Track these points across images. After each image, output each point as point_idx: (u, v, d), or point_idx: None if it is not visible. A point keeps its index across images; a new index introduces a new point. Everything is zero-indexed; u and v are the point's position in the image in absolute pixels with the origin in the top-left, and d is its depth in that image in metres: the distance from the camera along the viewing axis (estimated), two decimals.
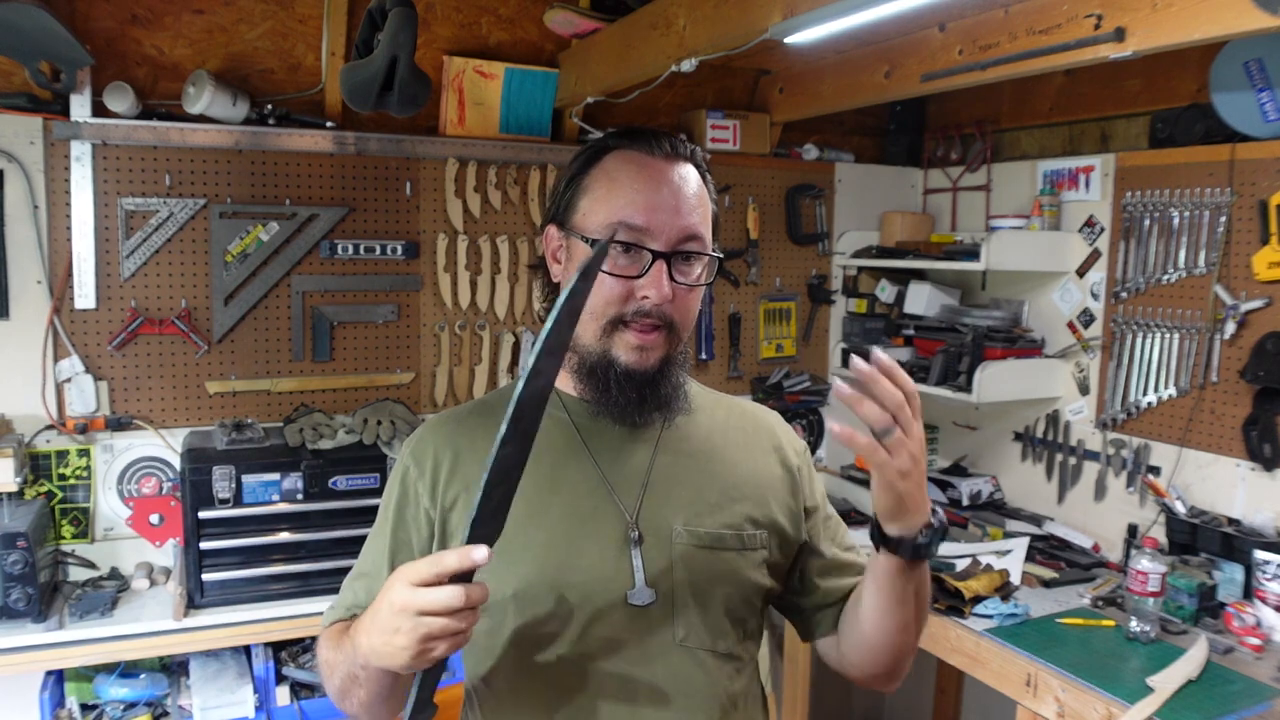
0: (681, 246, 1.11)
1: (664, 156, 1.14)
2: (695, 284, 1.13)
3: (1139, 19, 1.79)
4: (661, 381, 1.13)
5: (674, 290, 1.10)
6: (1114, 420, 2.70)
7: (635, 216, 1.10)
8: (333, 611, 1.22)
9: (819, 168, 3.30)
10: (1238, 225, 2.39)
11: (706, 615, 1.12)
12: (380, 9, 2.16)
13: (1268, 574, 2.15)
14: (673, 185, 1.12)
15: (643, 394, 1.13)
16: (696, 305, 1.16)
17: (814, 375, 3.35)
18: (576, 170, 1.18)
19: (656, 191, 1.11)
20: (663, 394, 1.14)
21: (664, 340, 1.12)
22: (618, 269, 1.10)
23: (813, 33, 2.15)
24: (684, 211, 1.11)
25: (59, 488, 2.41)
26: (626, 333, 1.11)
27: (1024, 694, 2.02)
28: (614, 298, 1.10)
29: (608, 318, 1.11)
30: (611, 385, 1.12)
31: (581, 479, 1.15)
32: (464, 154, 2.77)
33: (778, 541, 1.20)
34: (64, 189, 2.36)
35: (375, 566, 1.19)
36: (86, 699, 2.28)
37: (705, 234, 1.14)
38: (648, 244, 1.10)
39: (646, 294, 1.09)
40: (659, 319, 1.11)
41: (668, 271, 1.10)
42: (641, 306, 1.10)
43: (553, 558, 1.10)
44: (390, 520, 1.19)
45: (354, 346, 2.74)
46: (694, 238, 1.12)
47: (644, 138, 1.15)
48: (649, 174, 1.12)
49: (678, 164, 1.14)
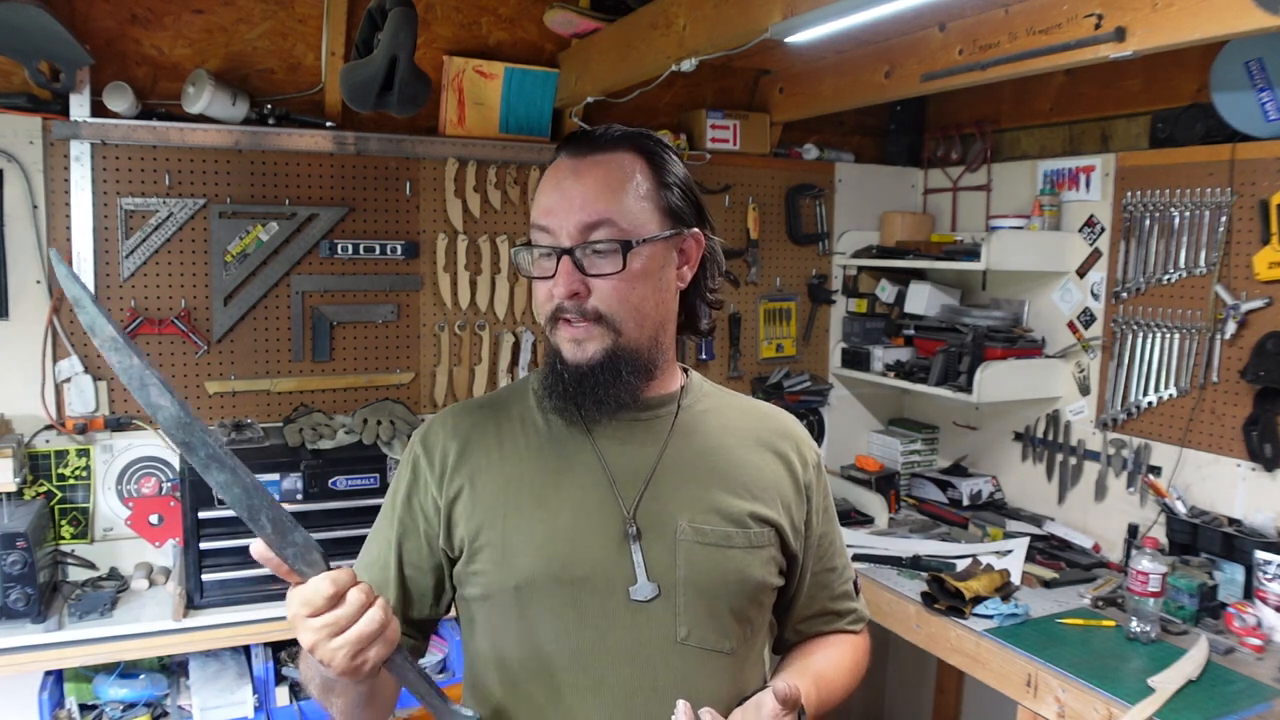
0: (588, 238, 1.09)
1: (577, 154, 1.13)
2: (604, 274, 1.09)
3: (1139, 19, 1.78)
4: (601, 374, 1.11)
5: (589, 283, 1.09)
6: (1114, 420, 2.69)
7: (540, 218, 1.12)
8: None
9: (819, 168, 3.30)
10: (1238, 225, 2.39)
11: (711, 614, 1.12)
12: (380, 9, 2.16)
13: (1268, 574, 2.14)
14: (576, 180, 1.11)
15: (581, 386, 1.12)
16: (633, 292, 1.11)
17: (814, 375, 3.35)
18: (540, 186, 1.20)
19: (558, 190, 1.12)
20: (602, 388, 1.11)
21: (600, 334, 1.11)
22: (538, 270, 1.12)
23: (813, 33, 2.15)
24: (583, 204, 1.09)
25: (58, 488, 2.41)
26: (561, 328, 1.13)
27: (1024, 694, 2.02)
28: (541, 299, 1.13)
29: (545, 317, 1.14)
30: (554, 378, 1.14)
31: (586, 473, 1.15)
32: (464, 154, 2.77)
33: (780, 543, 1.20)
34: (63, 189, 2.36)
35: (381, 555, 1.19)
36: (86, 699, 2.28)
37: (620, 217, 1.09)
38: (553, 243, 1.11)
39: (555, 292, 1.10)
40: (581, 314, 1.10)
41: (574, 265, 1.09)
42: (560, 304, 1.10)
43: (556, 551, 1.10)
44: (399, 507, 1.19)
45: (354, 346, 2.73)
46: (595, 225, 1.09)
47: (570, 140, 1.16)
48: (558, 175, 1.13)
49: (592, 155, 1.13)
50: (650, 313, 1.14)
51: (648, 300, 1.13)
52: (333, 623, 0.89)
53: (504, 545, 1.12)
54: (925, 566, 2.50)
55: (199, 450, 0.90)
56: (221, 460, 0.90)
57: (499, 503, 1.14)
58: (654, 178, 1.14)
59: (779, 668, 1.27)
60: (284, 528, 0.91)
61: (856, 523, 2.93)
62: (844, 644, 1.31)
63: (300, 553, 0.91)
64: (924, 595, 2.31)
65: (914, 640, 2.34)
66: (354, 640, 0.90)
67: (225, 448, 0.91)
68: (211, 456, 0.90)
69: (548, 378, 1.16)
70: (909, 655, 3.24)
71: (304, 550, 0.91)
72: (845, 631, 1.32)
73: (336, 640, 0.90)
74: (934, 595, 2.28)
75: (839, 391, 3.40)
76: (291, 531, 0.91)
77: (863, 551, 2.63)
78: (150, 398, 0.89)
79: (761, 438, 1.24)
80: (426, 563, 1.18)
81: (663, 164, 1.15)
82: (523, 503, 1.13)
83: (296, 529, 0.92)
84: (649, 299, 1.13)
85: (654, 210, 1.13)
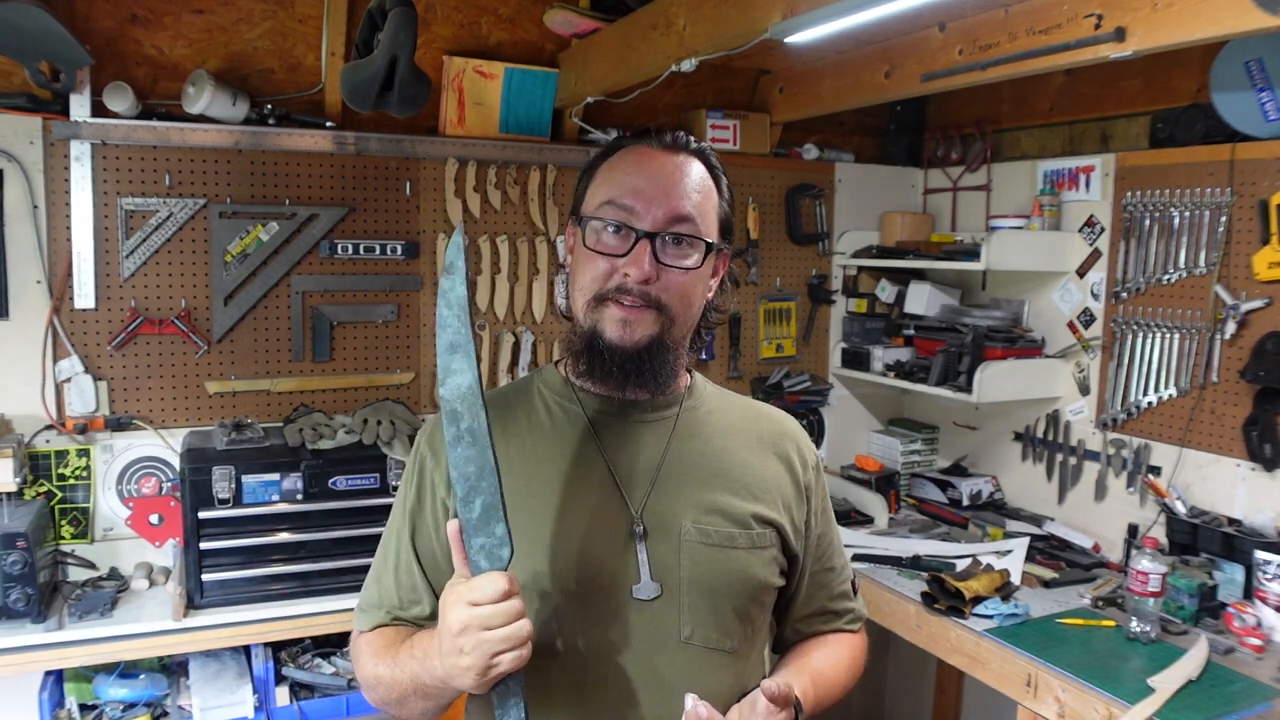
0: (670, 229, 1.12)
1: (664, 148, 1.17)
2: (683, 267, 1.13)
3: (1139, 19, 1.78)
4: (648, 360, 1.13)
5: (659, 271, 1.11)
6: (1114, 420, 2.69)
7: (624, 196, 1.13)
8: (365, 615, 1.22)
9: (819, 168, 3.30)
10: (1238, 225, 2.39)
11: (714, 613, 1.13)
12: (380, 9, 2.16)
13: (1268, 574, 2.14)
14: (666, 170, 1.15)
15: (625, 370, 1.13)
16: (693, 290, 1.16)
17: (814, 375, 3.35)
18: (589, 165, 1.22)
19: (648, 174, 1.14)
20: (648, 373, 1.14)
21: (652, 320, 1.13)
22: (603, 247, 1.13)
23: (813, 33, 2.15)
24: (674, 195, 1.13)
25: (58, 488, 2.41)
26: (610, 307, 1.13)
27: (1024, 694, 2.02)
28: (599, 274, 1.13)
29: (593, 293, 1.14)
30: (595, 359, 1.14)
31: (591, 472, 1.15)
32: (464, 154, 2.77)
33: (781, 543, 1.21)
34: (64, 189, 2.36)
35: (404, 559, 1.20)
36: (86, 699, 2.28)
37: (700, 220, 1.15)
38: (634, 224, 1.12)
39: (628, 271, 1.11)
40: (642, 297, 1.12)
41: (652, 251, 1.11)
42: (624, 283, 1.11)
43: (560, 550, 1.11)
44: (410, 509, 1.20)
45: (354, 346, 2.73)
46: (684, 220, 1.13)
47: (651, 133, 1.19)
48: (645, 160, 1.16)
49: (678, 155, 1.17)
50: (695, 313, 1.19)
51: (697, 301, 1.18)
52: (490, 615, 0.95)
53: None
54: (925, 566, 2.50)
55: (462, 422, 0.99)
56: (477, 437, 0.99)
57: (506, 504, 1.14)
58: (719, 192, 1.20)
59: (777, 666, 1.27)
60: (490, 518, 0.97)
61: (856, 523, 2.93)
62: (842, 643, 1.32)
63: (490, 546, 0.97)
64: (924, 595, 2.31)
65: (914, 640, 2.34)
66: (500, 639, 0.95)
67: (488, 425, 0.99)
68: (469, 430, 0.98)
69: (587, 359, 1.15)
70: (909, 655, 3.24)
71: (496, 545, 0.97)
72: (843, 631, 1.33)
73: (486, 634, 0.95)
74: (934, 595, 2.28)
75: (839, 391, 3.40)
76: (495, 524, 0.97)
77: (863, 551, 2.63)
78: (452, 364, 1.01)
79: (763, 439, 1.25)
80: (442, 563, 1.19)
81: (722, 181, 1.21)
82: (530, 503, 1.13)
83: (500, 523, 0.98)
84: (698, 300, 1.19)
85: (717, 221, 1.19)
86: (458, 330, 1.02)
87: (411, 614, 1.19)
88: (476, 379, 1.01)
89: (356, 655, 1.21)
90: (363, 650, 1.19)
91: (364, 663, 1.18)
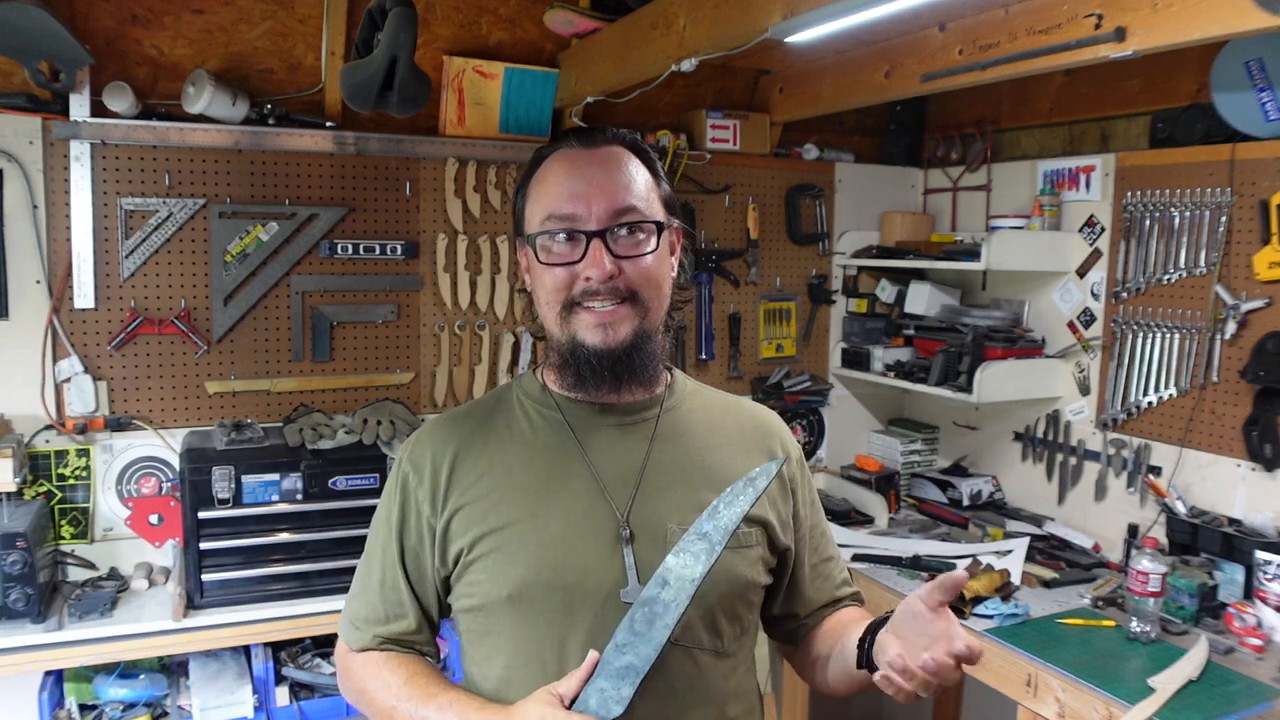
0: (617, 221, 1.13)
1: (586, 146, 1.17)
2: (642, 254, 1.14)
3: (1139, 19, 1.78)
4: (635, 356, 1.14)
5: (619, 264, 1.12)
6: (1114, 420, 2.69)
7: (563, 205, 1.13)
8: (357, 633, 1.22)
9: (819, 168, 3.30)
10: (1238, 225, 2.38)
11: (702, 614, 1.13)
12: (380, 9, 2.16)
13: (1268, 574, 2.14)
14: (596, 167, 1.15)
15: (616, 371, 1.14)
16: (659, 272, 1.17)
17: (814, 375, 3.35)
18: (519, 185, 1.23)
19: (579, 176, 1.14)
20: (637, 368, 1.15)
21: (629, 313, 1.13)
22: (557, 257, 1.14)
23: (813, 33, 2.16)
24: (611, 188, 1.14)
25: (58, 488, 2.41)
26: (582, 314, 1.13)
27: (1024, 694, 2.02)
28: (560, 284, 1.14)
29: (560, 302, 1.14)
30: (584, 368, 1.14)
31: (575, 478, 1.15)
32: (464, 154, 2.77)
33: (768, 540, 1.21)
34: (63, 189, 2.36)
35: (390, 576, 1.20)
36: (86, 699, 2.27)
37: (643, 205, 1.15)
38: (581, 227, 1.12)
39: (589, 274, 1.12)
40: (612, 294, 1.12)
41: (605, 248, 1.12)
42: (588, 286, 1.12)
43: (548, 558, 1.11)
44: (395, 527, 1.20)
45: (354, 346, 2.73)
46: (627, 210, 1.14)
47: (568, 135, 1.20)
48: (572, 163, 1.16)
49: (602, 148, 1.17)
50: (667, 294, 1.20)
51: (666, 281, 1.19)
52: None
53: (498, 557, 1.12)
54: (925, 566, 2.50)
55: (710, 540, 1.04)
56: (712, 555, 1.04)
57: (492, 516, 1.14)
58: (651, 172, 1.20)
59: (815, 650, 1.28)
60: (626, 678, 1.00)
61: (856, 523, 2.93)
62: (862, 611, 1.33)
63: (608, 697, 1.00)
64: None
65: None
66: None
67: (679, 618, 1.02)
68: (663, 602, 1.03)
69: (574, 370, 1.15)
70: None
71: (613, 700, 1.00)
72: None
73: None
74: None
75: (839, 391, 3.40)
76: (627, 686, 1.00)
77: (863, 551, 2.63)
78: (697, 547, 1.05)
79: (745, 435, 1.26)
80: (428, 577, 1.20)
81: (652, 161, 1.22)
82: (515, 514, 1.13)
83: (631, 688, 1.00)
84: (667, 280, 1.19)
85: (659, 200, 1.19)
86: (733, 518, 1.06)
87: (398, 628, 1.20)
88: (701, 577, 1.03)
89: (347, 669, 1.22)
90: (357, 668, 1.20)
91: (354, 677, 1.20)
